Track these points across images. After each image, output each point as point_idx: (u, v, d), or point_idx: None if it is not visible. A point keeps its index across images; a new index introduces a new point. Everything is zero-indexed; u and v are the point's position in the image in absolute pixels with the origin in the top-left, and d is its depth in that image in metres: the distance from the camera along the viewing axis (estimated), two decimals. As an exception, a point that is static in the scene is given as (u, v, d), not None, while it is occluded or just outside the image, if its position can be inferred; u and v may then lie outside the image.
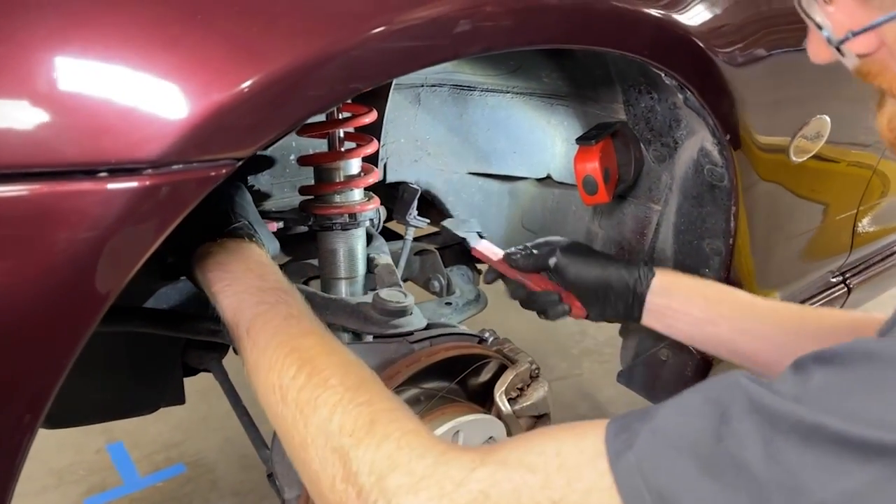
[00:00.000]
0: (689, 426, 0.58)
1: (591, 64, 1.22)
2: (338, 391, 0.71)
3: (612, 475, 0.58)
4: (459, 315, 1.42)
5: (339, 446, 0.67)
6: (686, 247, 1.26)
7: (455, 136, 1.39)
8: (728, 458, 0.55)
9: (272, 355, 0.76)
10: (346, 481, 0.65)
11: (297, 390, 0.72)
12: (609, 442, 0.60)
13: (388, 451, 0.65)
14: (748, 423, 0.55)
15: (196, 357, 1.30)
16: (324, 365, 0.75)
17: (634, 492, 0.57)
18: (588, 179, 1.23)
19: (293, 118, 0.67)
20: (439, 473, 0.63)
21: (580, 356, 2.81)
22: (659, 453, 0.57)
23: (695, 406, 0.59)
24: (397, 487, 0.62)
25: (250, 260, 0.87)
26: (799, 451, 0.53)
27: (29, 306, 0.58)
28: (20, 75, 0.57)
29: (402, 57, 0.71)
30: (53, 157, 0.58)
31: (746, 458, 0.54)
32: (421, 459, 0.64)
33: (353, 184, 1.15)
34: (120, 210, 0.60)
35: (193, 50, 0.62)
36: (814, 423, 0.53)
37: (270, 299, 0.82)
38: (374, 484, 0.64)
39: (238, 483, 2.20)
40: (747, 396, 0.57)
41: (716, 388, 0.59)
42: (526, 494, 0.60)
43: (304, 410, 0.71)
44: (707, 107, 1.05)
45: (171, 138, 0.61)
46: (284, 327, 0.79)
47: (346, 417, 0.69)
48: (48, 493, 2.14)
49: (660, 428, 0.59)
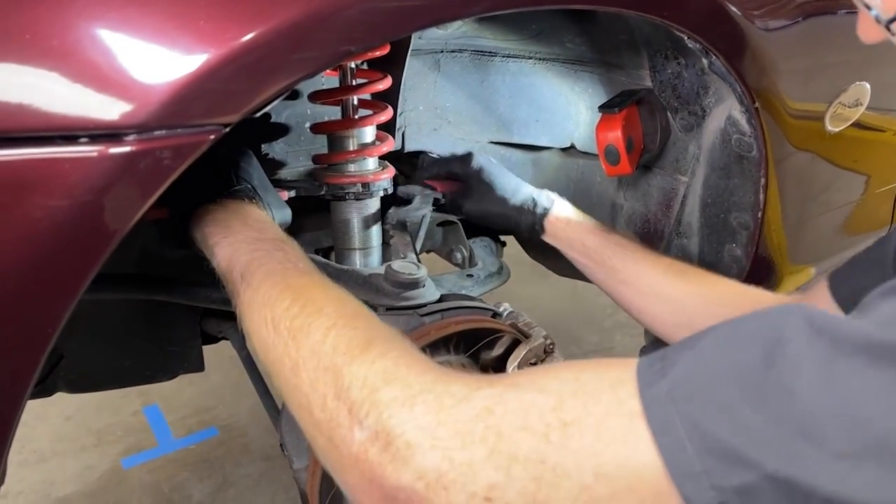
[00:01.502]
0: (736, 352, 0.51)
1: (615, 28, 1.17)
2: (332, 317, 0.67)
3: (640, 403, 0.51)
4: (481, 287, 1.40)
5: (331, 364, 0.62)
6: (713, 220, 1.21)
7: (476, 103, 1.36)
8: (778, 386, 0.47)
9: (266, 292, 0.72)
10: (338, 398, 0.60)
11: (290, 319, 0.68)
12: (641, 372, 0.53)
13: (383, 366, 0.60)
14: (806, 346, 0.48)
15: (214, 325, 1.31)
16: (319, 296, 0.70)
17: (664, 421, 0.50)
18: (610, 149, 1.19)
19: (281, 82, 0.65)
20: (439, 389, 0.57)
21: (612, 329, 2.76)
22: (697, 381, 0.50)
23: (745, 332, 0.52)
24: (391, 400, 0.57)
25: (249, 217, 0.85)
26: (865, 374, 0.46)
27: (9, 275, 0.58)
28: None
29: (397, 17, 0.67)
30: (33, 121, 0.57)
31: (800, 385, 0.47)
32: (420, 376, 0.58)
33: (366, 152, 1.13)
34: (102, 177, 0.59)
35: (176, 12, 0.60)
36: (884, 342, 0.46)
37: (266, 247, 0.79)
38: (366, 397, 0.58)
39: (269, 447, 2.24)
40: (807, 320, 0.50)
41: (771, 315, 0.52)
42: (534, 414, 0.53)
43: (297, 336, 0.66)
44: (734, 72, 1.00)
45: (154, 103, 0.60)
46: (279, 269, 0.75)
47: (340, 339, 0.64)
48: (87, 452, 2.22)
49: (701, 355, 0.52)
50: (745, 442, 0.48)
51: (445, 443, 0.54)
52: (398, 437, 0.55)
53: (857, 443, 0.45)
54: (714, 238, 1.22)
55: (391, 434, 0.55)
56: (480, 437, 0.54)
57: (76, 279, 0.60)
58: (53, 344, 0.61)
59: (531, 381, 0.57)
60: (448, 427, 0.54)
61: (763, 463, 0.47)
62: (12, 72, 0.56)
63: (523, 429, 0.53)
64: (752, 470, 0.47)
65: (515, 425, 0.53)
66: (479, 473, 0.53)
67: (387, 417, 0.56)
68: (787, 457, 0.46)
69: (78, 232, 0.59)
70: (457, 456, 0.53)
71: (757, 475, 0.47)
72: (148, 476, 2.14)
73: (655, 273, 1.07)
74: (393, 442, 0.55)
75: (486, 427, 0.54)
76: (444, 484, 0.53)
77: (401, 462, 0.55)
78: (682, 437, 0.49)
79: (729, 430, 0.48)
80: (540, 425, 0.53)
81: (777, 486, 0.47)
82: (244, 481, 2.13)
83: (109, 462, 2.18)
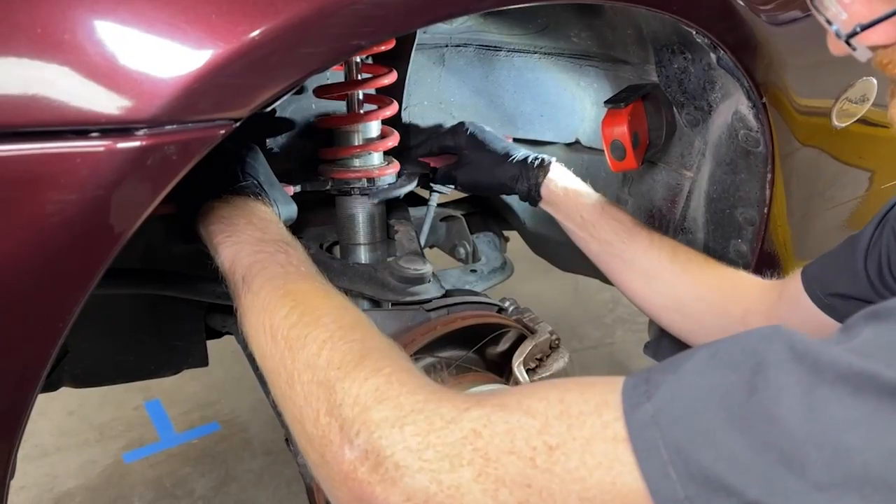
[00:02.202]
0: (719, 377, 0.51)
1: (622, 23, 1.16)
2: (329, 328, 0.67)
3: (624, 427, 0.52)
4: (484, 283, 1.40)
5: (324, 379, 0.63)
6: (718, 215, 1.21)
7: (480, 98, 1.35)
8: (760, 412, 0.48)
9: (265, 297, 0.72)
10: (330, 415, 0.61)
11: (287, 328, 0.68)
12: (626, 394, 0.54)
13: (375, 385, 0.60)
14: (787, 373, 0.48)
15: (219, 320, 1.31)
16: (318, 305, 0.71)
17: (649, 445, 0.50)
18: (616, 144, 1.18)
19: (291, 77, 0.64)
20: (429, 410, 0.58)
21: (613, 325, 2.76)
22: (681, 405, 0.51)
23: (727, 356, 0.52)
24: (382, 420, 0.58)
25: (253, 215, 0.85)
26: (845, 403, 0.46)
27: (22, 270, 0.58)
28: (9, 33, 0.56)
29: (406, 10, 0.67)
30: (44, 116, 0.57)
31: (781, 413, 0.47)
32: (411, 395, 0.59)
33: (371, 147, 1.13)
34: (113, 171, 0.59)
35: (187, 7, 0.60)
36: (865, 371, 0.46)
37: (269, 249, 0.79)
38: (357, 415, 0.59)
39: (270, 442, 2.24)
40: (789, 345, 0.50)
41: (753, 338, 0.52)
42: (521, 437, 0.54)
43: (293, 347, 0.67)
44: (741, 67, 0.99)
45: (164, 98, 0.59)
46: (281, 273, 0.75)
47: (334, 353, 0.64)
48: (89, 447, 2.22)
49: (684, 379, 0.53)
50: (727, 469, 0.48)
51: (434, 465, 0.55)
52: (388, 459, 0.56)
53: (837, 474, 0.45)
54: (719, 233, 1.22)
55: (381, 455, 0.56)
56: (468, 460, 0.55)
57: (88, 273, 0.60)
58: (64, 338, 0.61)
59: (518, 402, 0.57)
60: (436, 449, 0.56)
61: (744, 491, 0.47)
62: (24, 66, 0.56)
63: (510, 453, 0.54)
64: (734, 497, 0.48)
65: (502, 449, 0.54)
66: (466, 496, 0.54)
67: (377, 438, 0.57)
68: (768, 486, 0.47)
69: (89, 226, 0.59)
70: (445, 478, 0.55)
71: (738, 503, 0.48)
72: (150, 471, 2.14)
73: (649, 253, 1.08)
74: (382, 463, 0.56)
75: (474, 450, 0.55)
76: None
77: (389, 483, 0.56)
78: (665, 463, 0.50)
79: (711, 457, 0.49)
80: (526, 449, 0.54)
81: None
82: (246, 476, 2.13)
83: (111, 457, 2.18)
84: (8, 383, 0.61)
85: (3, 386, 0.61)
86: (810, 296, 0.95)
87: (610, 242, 1.11)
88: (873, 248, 0.90)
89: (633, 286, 1.12)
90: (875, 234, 0.90)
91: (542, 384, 0.60)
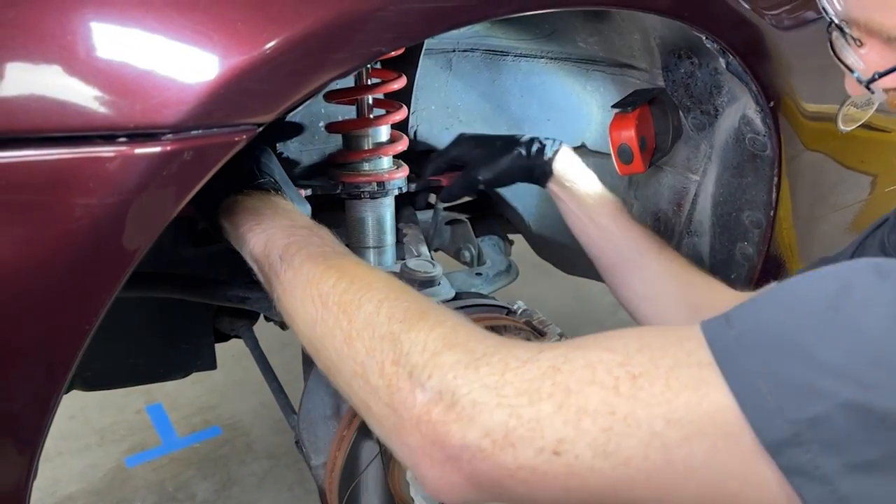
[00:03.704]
0: (803, 300, 0.52)
1: (629, 28, 1.17)
2: (382, 291, 0.66)
3: (709, 353, 0.52)
4: (490, 286, 1.40)
5: (388, 332, 0.62)
6: (724, 219, 1.22)
7: (487, 102, 1.36)
8: (846, 324, 0.50)
9: (309, 270, 0.71)
10: (396, 364, 0.59)
11: (339, 294, 0.67)
12: (706, 328, 0.54)
13: (443, 333, 0.60)
14: (871, 289, 0.50)
15: (227, 323, 1.32)
16: (364, 273, 0.70)
17: (736, 364, 0.51)
18: (623, 148, 1.19)
19: (315, 82, 0.65)
20: (503, 352, 0.57)
21: (615, 328, 2.77)
22: (766, 328, 0.52)
23: (812, 281, 0.53)
24: (455, 363, 0.57)
25: (278, 206, 0.85)
26: None
27: (50, 272, 0.58)
28: (38, 39, 0.57)
29: (428, 17, 0.68)
30: (72, 121, 0.57)
31: (868, 324, 0.49)
32: (481, 341, 0.59)
33: (381, 151, 1.14)
34: (139, 176, 0.60)
35: (213, 13, 0.61)
36: None
37: (302, 233, 0.79)
38: (427, 360, 0.58)
39: (272, 446, 2.25)
40: (874, 266, 0.52)
41: (840, 268, 0.54)
42: (602, 369, 0.54)
43: (348, 309, 0.66)
44: (750, 72, 1.01)
45: (190, 103, 0.60)
46: (319, 252, 0.75)
47: (394, 309, 0.64)
48: (91, 451, 2.21)
49: (768, 306, 0.54)
50: (818, 375, 0.49)
51: (512, 400, 0.54)
52: (464, 397, 0.55)
53: None
54: (726, 236, 1.23)
55: (456, 394, 0.56)
56: (548, 393, 0.54)
57: (114, 275, 0.61)
58: (90, 340, 0.62)
59: (595, 342, 0.57)
60: (515, 386, 0.55)
61: (837, 392, 0.48)
62: (53, 72, 0.57)
63: (591, 383, 0.54)
64: (826, 400, 0.48)
65: (584, 381, 0.54)
66: (547, 428, 0.53)
67: (451, 378, 0.56)
68: (861, 385, 0.48)
69: (116, 229, 0.60)
70: (524, 412, 0.54)
71: (831, 404, 0.48)
72: (152, 474, 2.14)
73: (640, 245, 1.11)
74: (458, 402, 0.55)
75: (554, 384, 0.54)
76: (512, 440, 0.54)
77: (466, 420, 0.55)
78: (753, 377, 0.50)
79: (801, 368, 0.49)
80: (608, 379, 0.53)
81: (852, 412, 0.48)
82: (248, 480, 2.13)
83: (113, 461, 2.18)
84: (35, 384, 0.62)
85: (31, 386, 0.62)
86: None
87: (607, 228, 1.13)
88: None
89: (620, 274, 1.15)
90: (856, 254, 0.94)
91: (616, 331, 0.59)
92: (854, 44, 0.72)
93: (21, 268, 0.57)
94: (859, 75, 0.73)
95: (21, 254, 0.57)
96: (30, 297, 0.59)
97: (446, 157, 1.21)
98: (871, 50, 0.71)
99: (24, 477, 0.65)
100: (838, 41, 0.73)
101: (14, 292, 0.58)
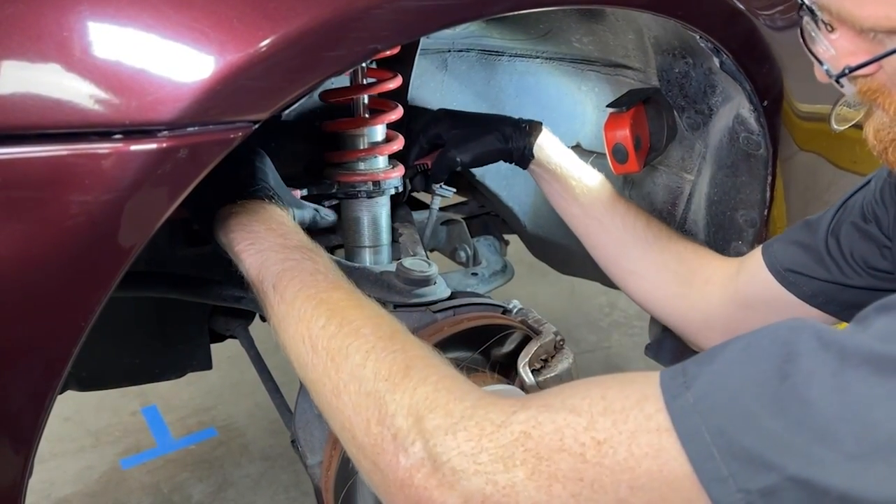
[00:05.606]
0: (752, 367, 0.55)
1: (623, 28, 1.18)
2: (370, 339, 0.69)
3: (667, 417, 0.56)
4: (486, 285, 1.41)
5: (373, 390, 0.65)
6: (719, 218, 1.23)
7: (482, 102, 1.37)
8: (793, 396, 0.52)
9: (300, 307, 0.74)
10: (381, 424, 0.63)
11: (327, 339, 0.70)
12: (665, 386, 0.57)
13: (425, 394, 0.63)
14: (816, 359, 0.53)
15: (222, 323, 1.31)
16: (354, 316, 0.73)
17: (692, 430, 0.54)
18: (618, 147, 1.20)
19: (311, 80, 0.65)
20: (479, 415, 0.61)
21: (609, 329, 2.78)
22: (720, 393, 0.55)
23: (759, 347, 0.57)
24: (435, 428, 0.60)
25: (271, 220, 0.86)
26: (871, 383, 0.51)
27: (45, 269, 0.58)
28: (35, 36, 0.57)
29: (424, 15, 0.68)
30: (68, 118, 0.57)
31: (813, 395, 0.52)
32: (459, 402, 0.62)
33: (377, 151, 1.14)
34: (135, 172, 0.60)
35: (209, 10, 0.61)
36: (885, 354, 0.51)
37: (296, 256, 0.80)
38: (411, 425, 0.62)
39: (268, 447, 2.24)
40: (815, 335, 0.55)
41: (782, 330, 0.57)
42: (569, 434, 0.58)
43: (336, 358, 0.69)
44: (744, 72, 1.01)
45: (186, 100, 0.60)
46: (312, 281, 0.77)
47: (380, 364, 0.67)
48: (86, 453, 2.21)
49: (721, 369, 0.57)
50: (768, 447, 0.52)
51: (488, 467, 0.58)
52: (444, 464, 0.59)
53: (866, 444, 0.50)
54: (720, 235, 1.23)
55: (437, 461, 0.59)
56: (521, 460, 0.58)
57: (110, 272, 0.61)
58: (85, 337, 0.62)
59: (562, 402, 0.60)
60: (490, 452, 0.59)
61: (784, 466, 0.51)
62: (49, 69, 0.57)
63: (560, 450, 0.57)
64: (775, 472, 0.52)
65: (553, 447, 0.58)
66: (521, 493, 0.57)
67: (432, 446, 0.60)
68: (806, 459, 0.51)
69: (111, 227, 0.60)
70: (500, 479, 0.58)
71: (779, 477, 0.52)
72: (147, 476, 2.13)
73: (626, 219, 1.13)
74: (439, 469, 0.59)
75: (526, 450, 0.58)
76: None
77: (447, 487, 0.59)
78: (708, 445, 0.54)
79: (752, 437, 0.53)
80: (576, 445, 0.57)
81: (798, 486, 0.51)
82: (244, 482, 2.13)
83: (108, 463, 2.18)
84: (30, 381, 0.62)
85: (27, 383, 0.62)
86: (771, 270, 1.01)
87: (592, 205, 1.14)
88: (831, 234, 0.97)
89: (608, 250, 1.17)
90: (834, 221, 0.97)
91: (580, 383, 0.63)
92: (825, 28, 0.70)
93: (16, 264, 0.57)
94: (829, 69, 0.72)
95: (16, 250, 0.57)
96: (25, 293, 0.59)
97: (427, 135, 1.22)
98: (841, 36, 0.70)
99: (19, 475, 0.65)
100: (809, 26, 0.72)
101: (9, 289, 0.58)
